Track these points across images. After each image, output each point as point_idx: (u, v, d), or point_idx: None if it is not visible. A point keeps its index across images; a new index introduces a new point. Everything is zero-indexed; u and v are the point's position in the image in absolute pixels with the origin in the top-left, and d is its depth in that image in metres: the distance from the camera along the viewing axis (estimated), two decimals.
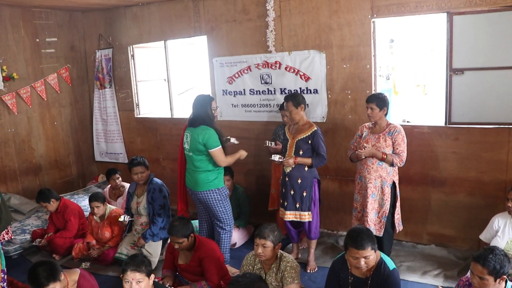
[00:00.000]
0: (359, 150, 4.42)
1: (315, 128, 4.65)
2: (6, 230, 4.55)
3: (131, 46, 7.11)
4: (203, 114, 4.66)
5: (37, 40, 7.00)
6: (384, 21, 5.27)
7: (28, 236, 5.91)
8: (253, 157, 6.07)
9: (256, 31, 5.76)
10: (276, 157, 4.69)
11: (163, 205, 5.20)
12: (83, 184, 7.77)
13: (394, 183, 4.53)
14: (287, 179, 4.75)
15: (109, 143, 7.69)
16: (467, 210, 4.94)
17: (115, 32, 7.20)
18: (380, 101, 4.41)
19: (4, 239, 4.53)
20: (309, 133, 4.64)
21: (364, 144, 4.40)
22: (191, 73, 8.46)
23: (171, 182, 7.00)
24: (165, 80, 7.08)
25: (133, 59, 7.18)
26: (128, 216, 5.27)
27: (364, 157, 4.42)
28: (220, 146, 4.62)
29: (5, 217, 4.48)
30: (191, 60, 8.30)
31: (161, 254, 5.26)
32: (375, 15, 4.99)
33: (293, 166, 4.68)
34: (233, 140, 4.94)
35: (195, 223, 5.77)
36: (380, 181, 4.48)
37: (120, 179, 6.41)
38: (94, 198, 5.49)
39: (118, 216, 5.39)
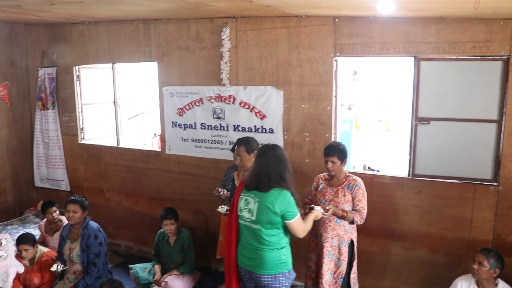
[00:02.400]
0: (321, 211, 3.89)
1: None
2: None
3: (76, 67, 6.54)
4: (282, 174, 3.48)
5: None
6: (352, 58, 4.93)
7: None
8: (203, 195, 5.61)
9: (209, 61, 5.32)
10: (223, 209, 4.24)
11: (98, 253, 4.65)
12: (20, 212, 7.12)
13: (352, 241, 4.15)
14: None
15: (51, 169, 7.07)
16: (427, 267, 4.61)
17: (60, 50, 6.62)
18: (341, 153, 4.05)
19: None
20: None
21: (327, 206, 3.93)
22: (142, 97, 7.91)
23: (116, 216, 6.54)
24: (113, 103, 6.54)
25: (79, 80, 6.61)
26: (62, 265, 4.72)
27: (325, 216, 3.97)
28: (299, 212, 3.56)
29: None
30: (144, 82, 7.77)
31: None
32: (338, 54, 4.63)
33: None
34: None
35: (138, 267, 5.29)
36: (337, 240, 4.10)
37: (57, 212, 5.83)
38: (22, 241, 4.88)
39: (50, 261, 4.85)
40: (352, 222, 4.07)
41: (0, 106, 6.75)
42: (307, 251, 4.39)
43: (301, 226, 3.51)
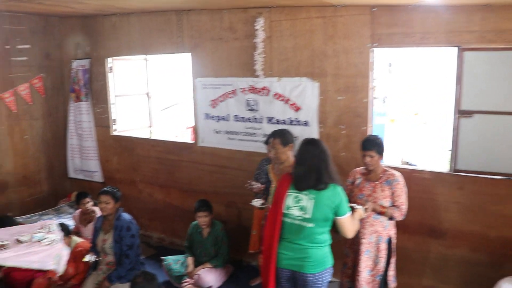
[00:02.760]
0: (360, 208, 3.75)
1: None
2: None
3: (109, 58, 6.55)
4: (332, 168, 3.40)
5: (7, 46, 6.40)
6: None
7: None
8: (236, 188, 5.54)
9: (243, 52, 5.22)
10: (257, 202, 4.14)
11: (131, 245, 4.63)
12: (55, 203, 7.20)
13: (390, 238, 4.01)
14: None
15: (84, 160, 7.12)
16: (468, 266, 4.43)
17: (93, 42, 6.63)
18: (379, 147, 3.92)
19: None
20: None
21: (366, 204, 3.81)
22: (175, 88, 7.88)
23: (148, 208, 6.54)
24: (146, 94, 6.53)
25: (112, 72, 6.62)
26: (94, 256, 4.73)
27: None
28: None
29: None
30: (177, 74, 7.73)
31: None
32: (375, 44, 4.47)
33: None
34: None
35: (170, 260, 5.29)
36: (375, 236, 3.98)
37: (90, 203, 5.85)
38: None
39: (84, 251, 4.86)
40: (391, 218, 3.94)
41: (35, 98, 6.81)
42: (343, 247, 4.27)
43: (351, 224, 3.40)
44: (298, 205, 3.33)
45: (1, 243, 3.39)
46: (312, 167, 3.30)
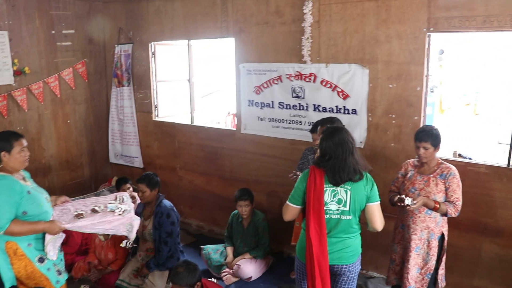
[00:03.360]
0: (407, 201, 3.58)
1: None
2: None
3: (152, 43, 6.49)
4: (360, 157, 3.25)
5: (53, 32, 6.45)
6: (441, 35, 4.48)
7: None
8: (278, 177, 5.40)
9: (290, 37, 5.04)
10: None
11: (170, 232, 4.57)
12: (95, 187, 7.25)
13: (442, 234, 3.79)
14: None
15: (125, 145, 7.13)
16: None
17: (136, 27, 6.59)
18: (435, 139, 3.66)
19: None
20: None
21: (417, 198, 3.60)
22: (217, 74, 7.77)
23: (188, 195, 6.48)
24: (188, 80, 6.45)
25: (154, 57, 6.56)
26: (131, 242, 4.68)
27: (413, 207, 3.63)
28: None
29: None
30: (218, 60, 7.62)
31: (167, 283, 4.67)
32: (431, 29, 4.21)
33: None
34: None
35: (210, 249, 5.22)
36: (427, 232, 3.76)
37: (131, 189, 5.82)
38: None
39: (124, 237, 4.80)
40: (444, 214, 3.71)
41: (79, 82, 6.84)
42: (391, 243, 4.07)
43: (380, 212, 3.30)
44: (335, 198, 3.20)
45: (78, 212, 3.55)
46: (346, 159, 3.13)
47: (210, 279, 4.30)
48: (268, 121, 5.39)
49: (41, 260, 3.39)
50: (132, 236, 3.63)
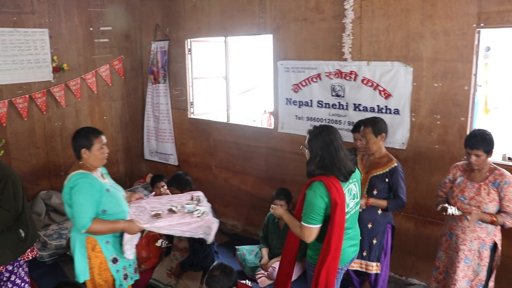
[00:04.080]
0: (451, 210, 3.42)
1: (395, 164, 3.77)
2: (31, 247, 4.04)
3: (188, 40, 6.44)
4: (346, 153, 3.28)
5: (91, 29, 6.48)
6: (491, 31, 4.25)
7: (64, 242, 5.51)
8: None
9: (330, 33, 4.89)
10: None
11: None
12: (130, 183, 7.27)
13: (495, 243, 3.57)
14: None
15: (160, 142, 7.11)
16: None
17: (172, 23, 6.55)
18: (488, 144, 3.37)
19: (28, 257, 4.02)
20: (387, 169, 3.77)
21: (472, 210, 3.40)
22: (254, 72, 7.66)
23: (222, 194, 6.42)
24: (224, 78, 6.38)
25: (190, 54, 6.51)
26: (167, 242, 4.65)
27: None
28: None
29: (31, 234, 4.02)
30: (255, 57, 7.51)
31: (201, 284, 4.61)
32: (482, 24, 3.98)
33: (364, 207, 3.82)
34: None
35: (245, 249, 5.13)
36: (477, 243, 3.53)
37: (165, 187, 5.77)
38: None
39: (158, 236, 4.82)
40: (502, 225, 3.45)
41: (115, 79, 6.86)
42: (437, 249, 3.88)
43: None
44: (351, 195, 3.20)
45: (155, 212, 3.52)
46: (345, 153, 3.15)
47: (244, 281, 4.23)
48: (306, 120, 5.26)
49: (115, 260, 3.38)
50: (210, 239, 3.52)
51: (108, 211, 3.29)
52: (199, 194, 3.93)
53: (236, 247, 5.29)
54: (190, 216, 3.50)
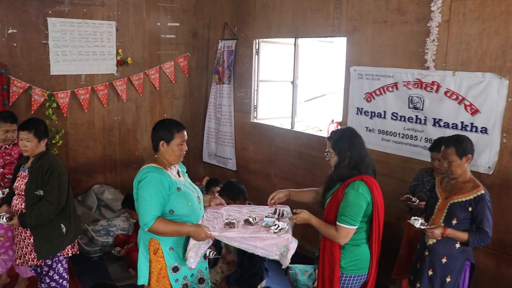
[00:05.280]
0: None
1: (482, 191, 3.20)
2: (72, 244, 3.85)
3: (256, 40, 6.12)
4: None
5: (158, 24, 6.34)
6: None
7: (110, 240, 5.37)
8: (384, 197, 4.73)
9: (411, 38, 4.37)
10: (417, 222, 3.30)
11: None
12: None
13: None
14: (426, 253, 3.38)
15: (220, 145, 6.83)
16: None
17: (241, 22, 6.26)
18: None
19: (68, 254, 3.83)
20: (472, 197, 3.20)
21: None
22: (323, 78, 7.23)
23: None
24: (291, 82, 6.00)
25: (258, 55, 6.19)
26: (215, 252, 4.30)
27: None
28: None
29: (73, 230, 3.85)
30: (326, 63, 7.07)
31: None
32: None
33: (439, 238, 3.28)
34: None
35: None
36: None
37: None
38: None
39: None
40: None
41: (179, 76, 6.68)
42: None
43: None
44: None
45: (229, 220, 3.18)
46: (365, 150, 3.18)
47: None
48: (377, 133, 4.75)
49: (176, 269, 3.08)
50: (285, 262, 3.06)
51: (176, 212, 3.00)
52: (285, 208, 3.48)
53: (289, 265, 4.86)
54: (266, 231, 3.09)
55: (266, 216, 3.25)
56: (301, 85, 6.17)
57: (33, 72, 5.40)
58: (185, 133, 3.12)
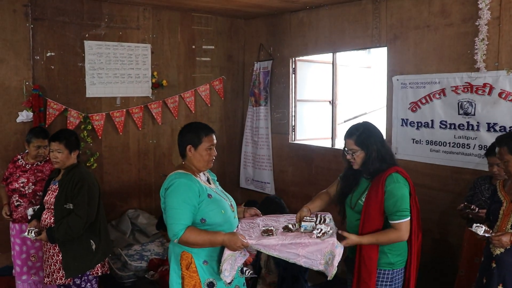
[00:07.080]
0: None
1: None
2: (102, 262, 3.66)
3: (293, 59, 5.97)
4: None
5: (193, 46, 6.29)
6: None
7: (144, 264, 5.17)
8: (434, 213, 4.39)
9: (458, 40, 4.13)
10: (480, 229, 2.94)
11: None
12: None
13: None
14: (494, 265, 2.99)
15: (257, 169, 6.61)
16: None
17: (277, 42, 6.14)
18: None
19: (98, 273, 3.63)
20: None
21: None
22: (362, 96, 6.99)
23: None
24: (330, 102, 5.79)
25: (295, 74, 6.03)
26: (251, 271, 4.01)
27: None
28: None
29: (104, 247, 3.65)
30: (365, 79, 6.86)
31: None
32: None
33: (508, 247, 2.90)
34: None
35: None
36: None
37: None
38: None
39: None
40: None
41: (214, 100, 6.57)
42: None
43: None
44: None
45: (267, 228, 2.87)
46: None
47: None
48: (425, 144, 4.44)
49: (211, 285, 2.79)
50: (331, 272, 2.71)
51: (208, 221, 2.75)
52: (326, 214, 3.14)
53: None
54: (307, 236, 2.75)
55: (303, 221, 2.91)
56: (340, 104, 5.96)
57: (69, 94, 5.39)
58: (214, 136, 2.94)
